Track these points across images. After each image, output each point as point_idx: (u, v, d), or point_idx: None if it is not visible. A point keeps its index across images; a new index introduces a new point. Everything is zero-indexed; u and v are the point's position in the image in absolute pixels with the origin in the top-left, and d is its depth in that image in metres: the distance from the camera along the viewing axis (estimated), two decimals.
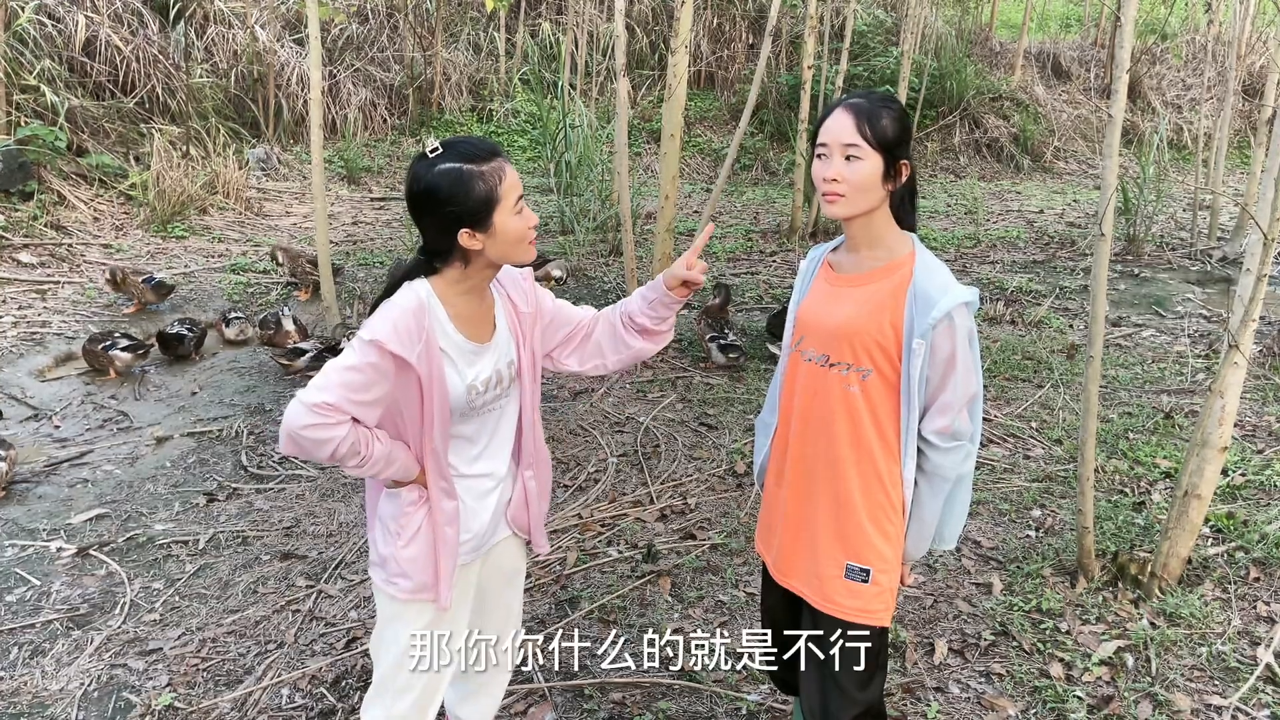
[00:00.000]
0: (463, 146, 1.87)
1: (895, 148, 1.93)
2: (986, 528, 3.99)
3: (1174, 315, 7.11)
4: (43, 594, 3.50)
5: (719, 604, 3.46)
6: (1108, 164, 3.17)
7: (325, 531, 3.96)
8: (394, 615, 2.09)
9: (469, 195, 1.83)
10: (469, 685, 2.38)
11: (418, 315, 1.88)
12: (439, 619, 2.09)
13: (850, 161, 1.92)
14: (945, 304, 1.87)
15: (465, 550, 2.10)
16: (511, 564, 2.29)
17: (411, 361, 1.85)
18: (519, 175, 1.93)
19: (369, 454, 1.89)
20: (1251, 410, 5.19)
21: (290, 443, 1.84)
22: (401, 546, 2.02)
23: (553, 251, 8.44)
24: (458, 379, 1.96)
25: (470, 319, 1.99)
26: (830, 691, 2.09)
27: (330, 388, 1.82)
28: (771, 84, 13.21)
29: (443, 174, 1.84)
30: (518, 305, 2.12)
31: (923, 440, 1.96)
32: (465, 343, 1.97)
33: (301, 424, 1.80)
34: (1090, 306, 3.28)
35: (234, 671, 3.09)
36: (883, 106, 1.93)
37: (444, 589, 2.04)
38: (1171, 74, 15.49)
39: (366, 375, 1.84)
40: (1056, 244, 9.39)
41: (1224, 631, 3.25)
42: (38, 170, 8.06)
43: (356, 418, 1.86)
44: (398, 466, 1.97)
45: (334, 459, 1.86)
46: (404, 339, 1.84)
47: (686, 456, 4.68)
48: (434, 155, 1.86)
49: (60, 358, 5.84)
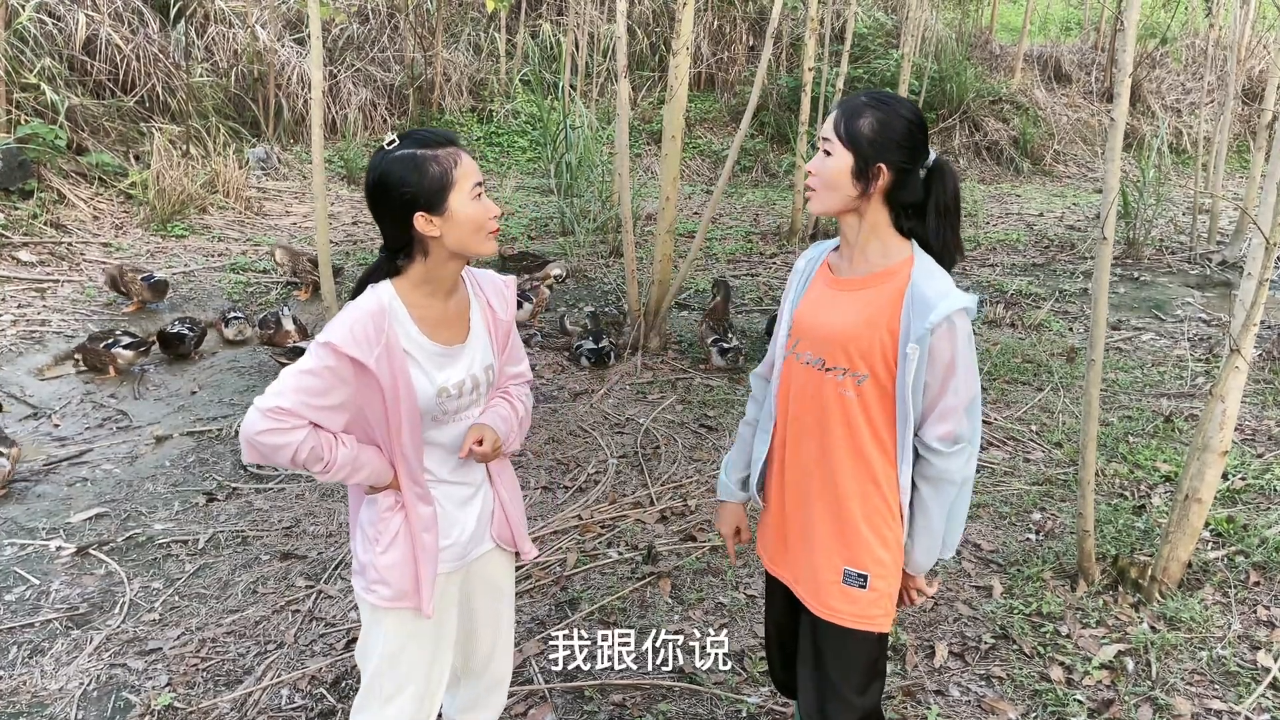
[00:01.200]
0: (418, 135, 1.88)
1: (869, 147, 1.87)
2: (987, 531, 3.99)
3: (1174, 319, 7.12)
4: (42, 593, 3.49)
5: (719, 606, 3.46)
6: (1110, 167, 3.16)
7: (325, 532, 3.96)
8: (375, 623, 2.06)
9: (423, 177, 1.83)
10: (467, 696, 2.36)
11: (376, 318, 1.86)
12: (421, 627, 2.06)
13: (825, 157, 1.92)
14: (944, 308, 1.83)
15: (448, 558, 2.07)
16: (499, 576, 2.25)
17: (369, 365, 1.83)
18: (477, 165, 1.92)
19: (332, 459, 1.88)
20: (1251, 414, 5.19)
21: (249, 449, 1.83)
22: (380, 553, 2.00)
23: (553, 252, 8.44)
24: (426, 382, 1.93)
25: (437, 321, 1.97)
26: (828, 697, 2.07)
27: (285, 392, 1.81)
28: (772, 86, 13.22)
29: (397, 160, 1.85)
30: (496, 311, 2.09)
31: (925, 447, 1.93)
32: (430, 345, 1.95)
33: (257, 430, 1.80)
34: (1091, 310, 3.28)
35: (234, 672, 3.08)
36: (871, 106, 1.89)
37: (425, 596, 2.00)
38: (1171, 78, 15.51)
39: (324, 379, 1.83)
40: (1056, 247, 9.40)
41: (1224, 636, 3.25)
42: (38, 168, 8.06)
43: (318, 423, 1.86)
44: (368, 471, 1.95)
45: (295, 464, 1.85)
46: (360, 342, 1.83)
47: (687, 458, 4.68)
48: (391, 146, 1.87)
49: (60, 356, 5.84)
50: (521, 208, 10.34)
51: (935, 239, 1.95)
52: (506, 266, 7.48)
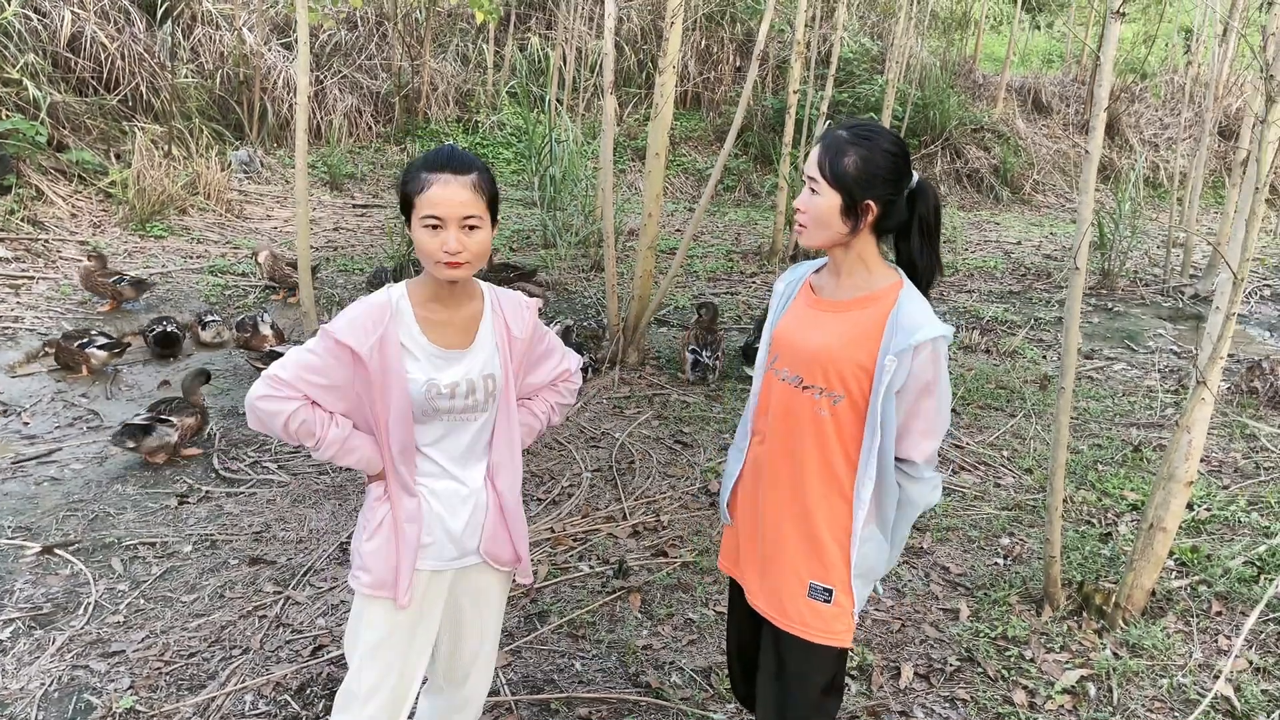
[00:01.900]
0: (440, 151, 1.98)
1: (855, 187, 1.90)
2: (955, 554, 4.02)
3: (1145, 350, 7.21)
4: (5, 592, 3.45)
5: (688, 622, 3.47)
6: (1084, 199, 3.22)
7: (295, 537, 3.94)
8: (360, 611, 2.12)
9: (402, 188, 1.97)
10: (448, 704, 2.36)
11: (380, 309, 2.00)
12: (400, 620, 2.09)
13: (812, 194, 1.95)
14: (929, 330, 1.87)
15: (430, 555, 2.09)
16: (490, 591, 2.25)
17: (361, 353, 1.96)
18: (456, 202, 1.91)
19: (324, 435, 2.01)
20: (1218, 446, 5.27)
21: (250, 413, 2.01)
22: (365, 540, 2.09)
23: (535, 263, 8.45)
24: (419, 375, 2.01)
25: (440, 325, 2.05)
26: (786, 711, 2.09)
27: (288, 365, 1.99)
28: (757, 107, 13.33)
29: (411, 162, 2.00)
30: (511, 328, 2.14)
31: (908, 466, 1.96)
32: (430, 346, 2.03)
33: (257, 395, 1.98)
34: (1063, 338, 3.33)
35: (197, 676, 3.06)
36: (854, 143, 1.91)
37: (402, 586, 2.05)
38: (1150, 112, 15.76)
39: (321, 359, 1.98)
40: (1033, 275, 9.51)
41: (1185, 664, 3.29)
42: (16, 164, 8.00)
43: (315, 399, 2.00)
44: (358, 456, 2.06)
45: (289, 434, 1.99)
46: (356, 331, 1.96)
47: (661, 474, 4.69)
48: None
49: (32, 354, 5.78)
50: (504, 219, 10.36)
51: (920, 257, 1.99)
52: (488, 277, 7.48)
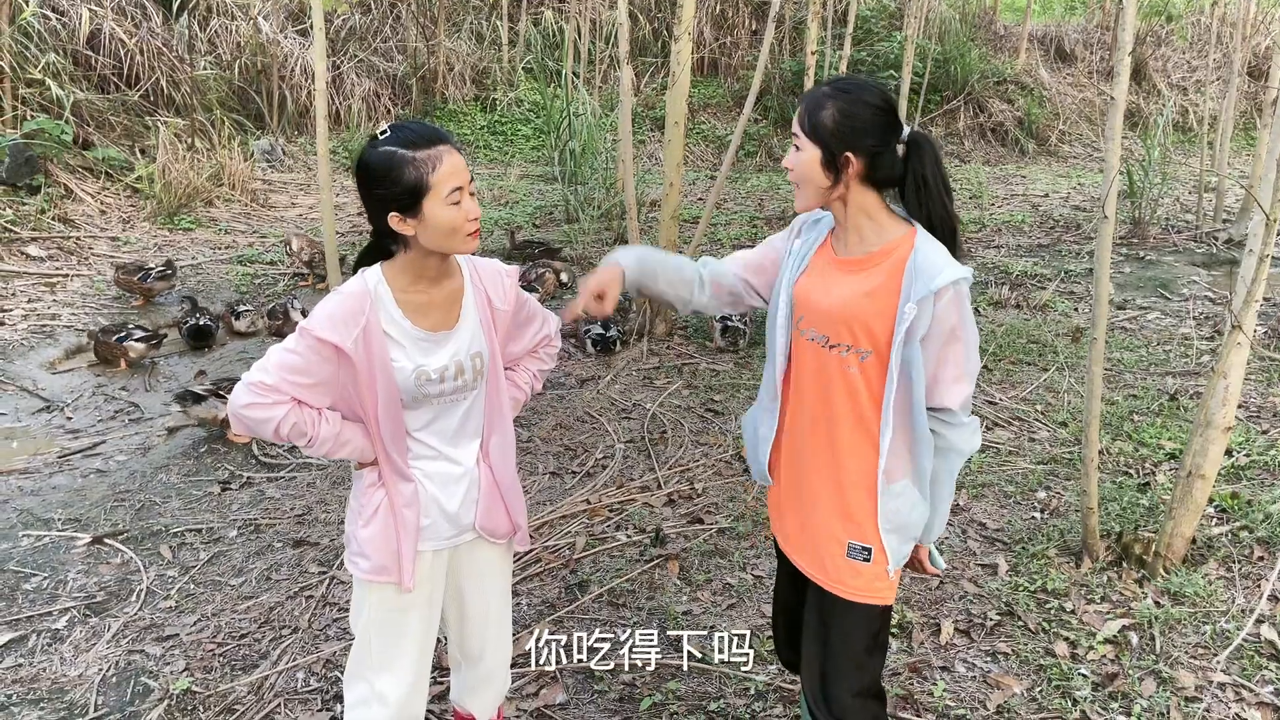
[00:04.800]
0: (405, 131, 1.87)
1: (832, 138, 1.88)
2: (992, 510, 4.02)
3: (1179, 298, 7.12)
4: (59, 582, 3.55)
5: (727, 586, 3.50)
6: (1110, 146, 3.18)
7: (337, 518, 4.00)
8: (362, 596, 2.13)
9: (398, 180, 1.84)
10: (468, 680, 2.39)
11: (359, 299, 1.92)
12: (402, 601, 2.10)
13: (796, 151, 1.94)
14: (949, 274, 1.85)
15: (429, 535, 2.10)
16: (487, 569, 2.26)
17: (345, 347, 1.89)
18: (466, 164, 1.91)
19: (316, 434, 1.96)
20: (1256, 391, 5.20)
21: (235, 421, 1.93)
22: (361, 526, 2.07)
23: (559, 240, 8.46)
24: (406, 363, 1.97)
25: (423, 307, 1.99)
26: (830, 670, 2.10)
27: (269, 369, 1.91)
28: (775, 70, 13.19)
29: (378, 156, 1.85)
30: (493, 301, 2.11)
31: (943, 413, 1.95)
32: (415, 330, 1.98)
33: (241, 403, 1.90)
34: (1094, 289, 3.30)
35: (249, 656, 3.13)
36: (832, 96, 1.89)
37: (406, 570, 2.05)
38: (1177, 56, 15.44)
39: (304, 358, 1.90)
40: (1062, 228, 9.39)
41: (1228, 610, 3.28)
42: (44, 164, 8.10)
43: (301, 399, 1.94)
44: (352, 447, 2.03)
45: (279, 437, 1.93)
46: (337, 325, 1.89)
47: (693, 442, 4.71)
48: (382, 137, 1.88)
49: (71, 350, 5.89)
50: (526, 196, 10.36)
51: (919, 212, 1.95)
52: (512, 256, 7.51)
